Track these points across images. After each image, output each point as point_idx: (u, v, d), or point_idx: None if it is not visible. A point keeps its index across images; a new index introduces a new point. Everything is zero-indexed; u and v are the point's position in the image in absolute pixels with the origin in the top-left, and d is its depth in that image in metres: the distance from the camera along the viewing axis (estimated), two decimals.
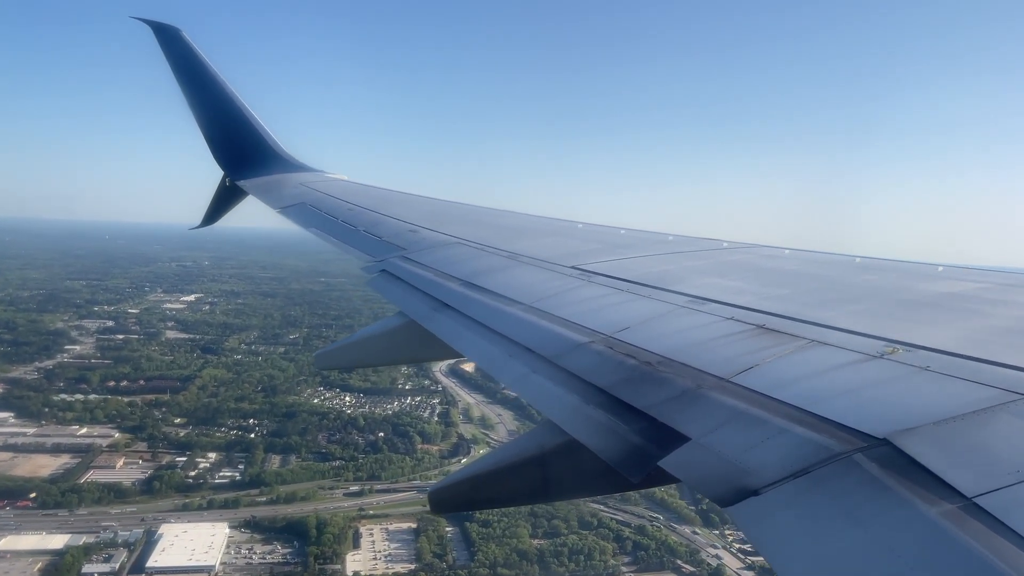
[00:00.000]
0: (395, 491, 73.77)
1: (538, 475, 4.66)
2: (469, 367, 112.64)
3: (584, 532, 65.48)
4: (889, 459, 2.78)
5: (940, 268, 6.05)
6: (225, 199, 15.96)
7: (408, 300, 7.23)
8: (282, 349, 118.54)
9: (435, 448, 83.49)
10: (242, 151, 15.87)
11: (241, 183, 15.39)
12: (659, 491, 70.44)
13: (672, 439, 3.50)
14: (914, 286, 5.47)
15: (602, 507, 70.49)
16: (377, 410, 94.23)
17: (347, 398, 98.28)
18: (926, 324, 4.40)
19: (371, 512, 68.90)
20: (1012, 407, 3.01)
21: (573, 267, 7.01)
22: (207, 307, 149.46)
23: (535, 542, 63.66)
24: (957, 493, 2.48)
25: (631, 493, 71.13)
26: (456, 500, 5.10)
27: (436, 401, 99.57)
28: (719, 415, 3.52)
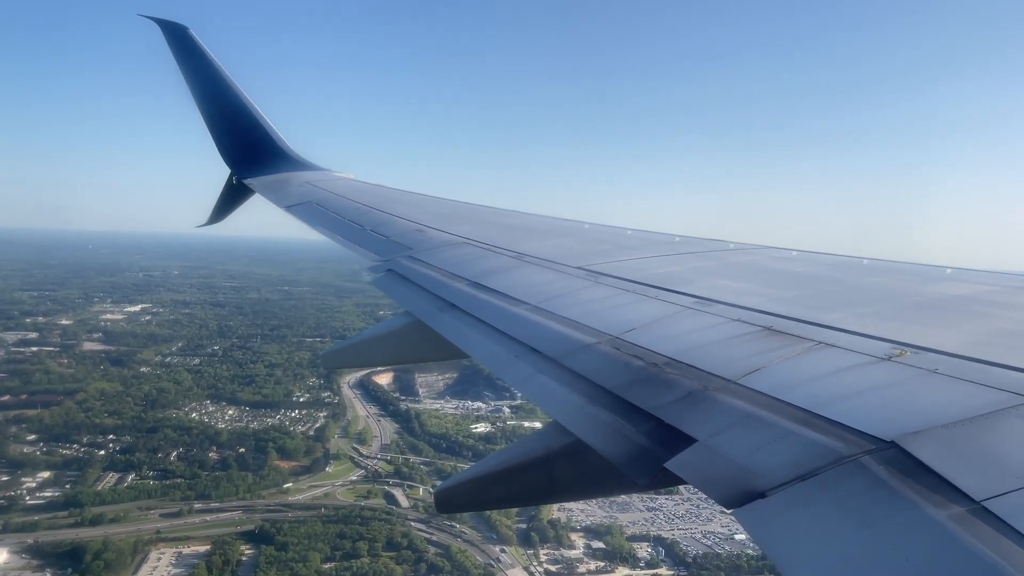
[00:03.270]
0: (221, 511, 69.42)
1: (544, 476, 4.66)
2: (383, 379, 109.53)
3: (385, 554, 62.54)
4: (897, 462, 2.77)
5: (948, 270, 6.03)
6: (231, 197, 16.01)
7: (414, 300, 7.24)
8: (197, 360, 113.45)
9: (289, 464, 79.71)
10: (249, 149, 15.92)
11: (247, 181, 15.44)
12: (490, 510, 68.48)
13: (678, 440, 3.49)
14: (922, 288, 5.44)
15: (421, 526, 68.26)
16: (254, 424, 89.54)
17: (230, 412, 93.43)
18: (934, 326, 4.38)
19: (171, 535, 64.57)
20: (1022, 410, 3.00)
21: (580, 268, 7.01)
22: (148, 317, 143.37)
23: (326, 566, 60.82)
24: (965, 496, 2.46)
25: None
26: (461, 500, 5.11)
27: (323, 414, 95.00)
28: (726, 417, 3.51)
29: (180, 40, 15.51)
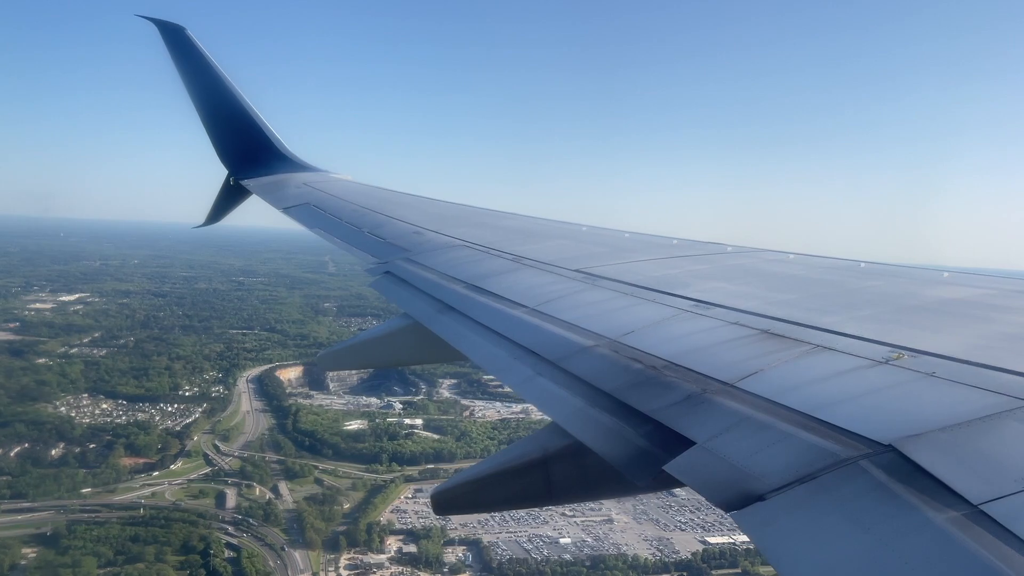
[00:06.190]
0: (32, 510, 65.46)
1: (542, 478, 4.66)
2: (293, 373, 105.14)
3: (173, 558, 59.29)
4: (895, 465, 2.77)
5: (946, 274, 6.04)
6: (229, 198, 15.99)
7: (412, 302, 7.24)
8: (103, 352, 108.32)
9: (134, 461, 75.87)
10: (246, 150, 15.90)
11: (245, 182, 15.42)
12: (307, 511, 67.22)
13: (677, 443, 3.49)
14: (920, 292, 5.46)
15: (228, 527, 65.66)
16: (122, 419, 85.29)
17: (104, 405, 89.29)
18: (932, 330, 4.40)
19: None
20: (1019, 414, 3.01)
21: (578, 270, 7.01)
22: (79, 307, 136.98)
23: (102, 571, 56.85)
24: (963, 500, 2.47)
25: (279, 510, 68.57)
26: (458, 502, 5.09)
27: (201, 409, 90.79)
28: (724, 420, 3.52)
29: (177, 41, 15.48)
